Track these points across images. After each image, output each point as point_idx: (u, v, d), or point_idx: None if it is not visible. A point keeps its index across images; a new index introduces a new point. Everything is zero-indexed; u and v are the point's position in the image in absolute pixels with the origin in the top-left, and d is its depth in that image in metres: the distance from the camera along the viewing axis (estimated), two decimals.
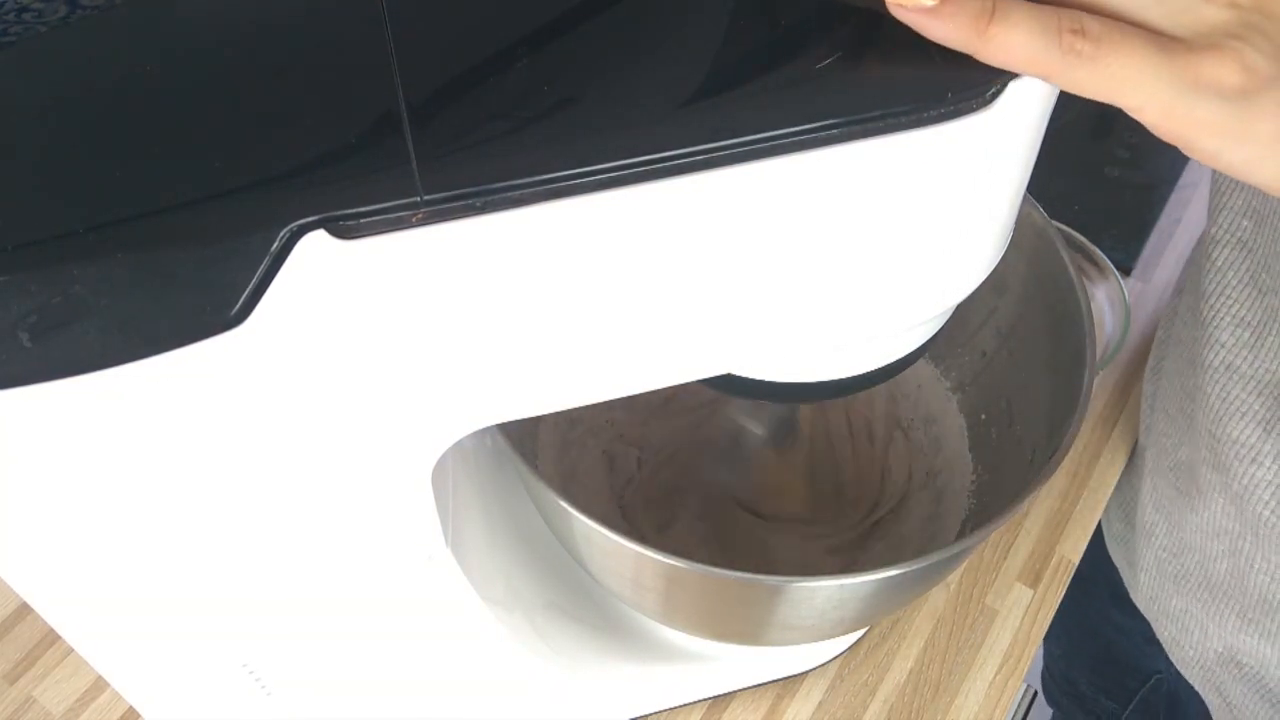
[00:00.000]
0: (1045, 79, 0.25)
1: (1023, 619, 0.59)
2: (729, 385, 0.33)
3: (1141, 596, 0.65)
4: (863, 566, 0.55)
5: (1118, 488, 0.65)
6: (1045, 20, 0.24)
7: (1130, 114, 0.25)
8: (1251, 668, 0.57)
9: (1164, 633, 0.64)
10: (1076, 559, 0.62)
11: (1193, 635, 0.60)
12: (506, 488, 0.48)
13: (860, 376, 0.34)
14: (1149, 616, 0.65)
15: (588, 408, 0.31)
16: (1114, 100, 0.24)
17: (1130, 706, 0.75)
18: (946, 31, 0.24)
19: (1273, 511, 0.49)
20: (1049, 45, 0.23)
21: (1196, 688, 0.63)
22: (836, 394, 0.34)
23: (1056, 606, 0.60)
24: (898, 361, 0.34)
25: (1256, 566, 0.52)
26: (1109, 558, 0.69)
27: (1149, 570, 0.62)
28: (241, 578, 0.33)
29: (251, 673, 0.39)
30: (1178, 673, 0.65)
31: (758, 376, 0.33)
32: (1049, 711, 1.11)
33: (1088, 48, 0.23)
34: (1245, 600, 0.54)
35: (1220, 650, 0.58)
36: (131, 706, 0.56)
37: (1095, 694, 0.85)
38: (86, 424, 0.26)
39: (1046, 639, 0.89)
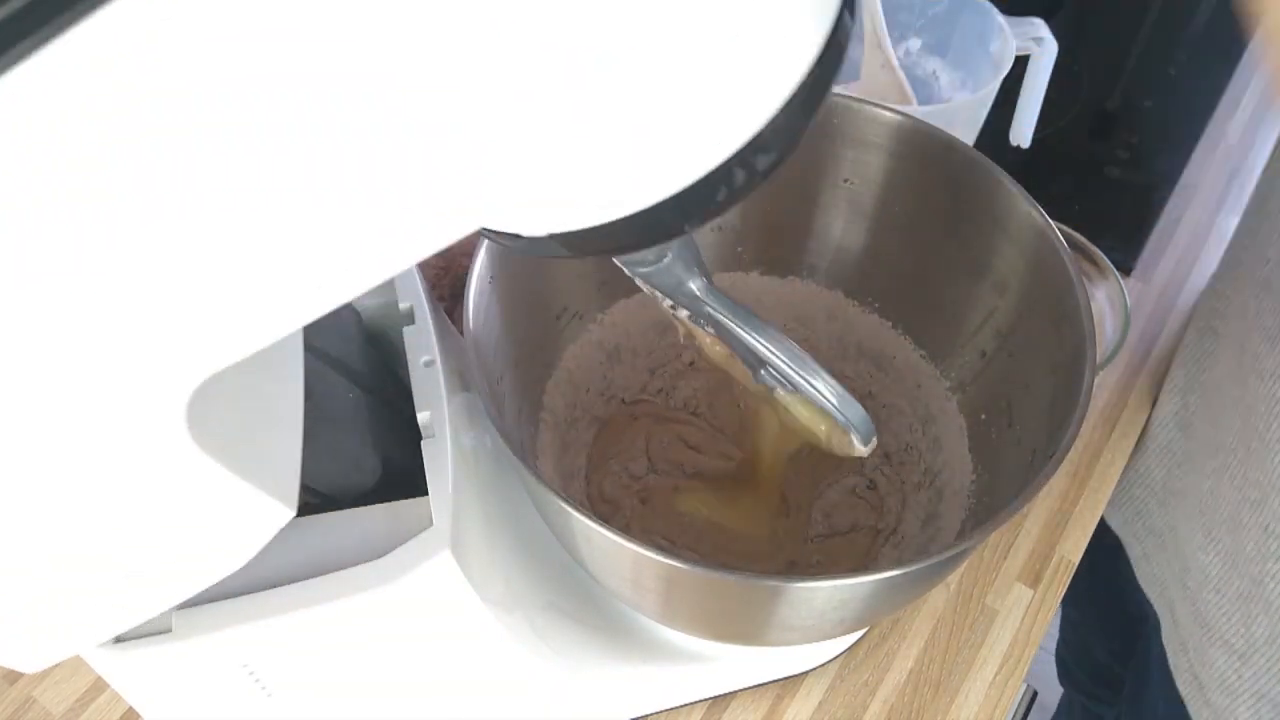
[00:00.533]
0: None
1: (1023, 619, 0.59)
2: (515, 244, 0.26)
3: (1125, 511, 0.67)
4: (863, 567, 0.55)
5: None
6: None
7: None
8: (1192, 588, 0.59)
9: (1136, 550, 0.67)
10: (1076, 559, 0.62)
11: (1166, 551, 0.63)
12: (506, 488, 0.48)
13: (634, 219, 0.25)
14: (1125, 535, 0.67)
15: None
16: None
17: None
18: None
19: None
20: None
21: (1153, 603, 0.66)
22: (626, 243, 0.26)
23: (1057, 607, 0.60)
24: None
25: (1238, 481, 0.54)
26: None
27: (1149, 484, 0.64)
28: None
29: (252, 673, 0.39)
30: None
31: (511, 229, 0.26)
32: (1049, 711, 1.12)
33: None
34: (1214, 517, 0.56)
35: (1178, 568, 0.61)
36: (131, 707, 0.56)
37: (1110, 661, 0.86)
38: None
39: (1064, 607, 0.92)
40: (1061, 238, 0.48)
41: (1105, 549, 0.64)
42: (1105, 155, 0.83)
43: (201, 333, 0.24)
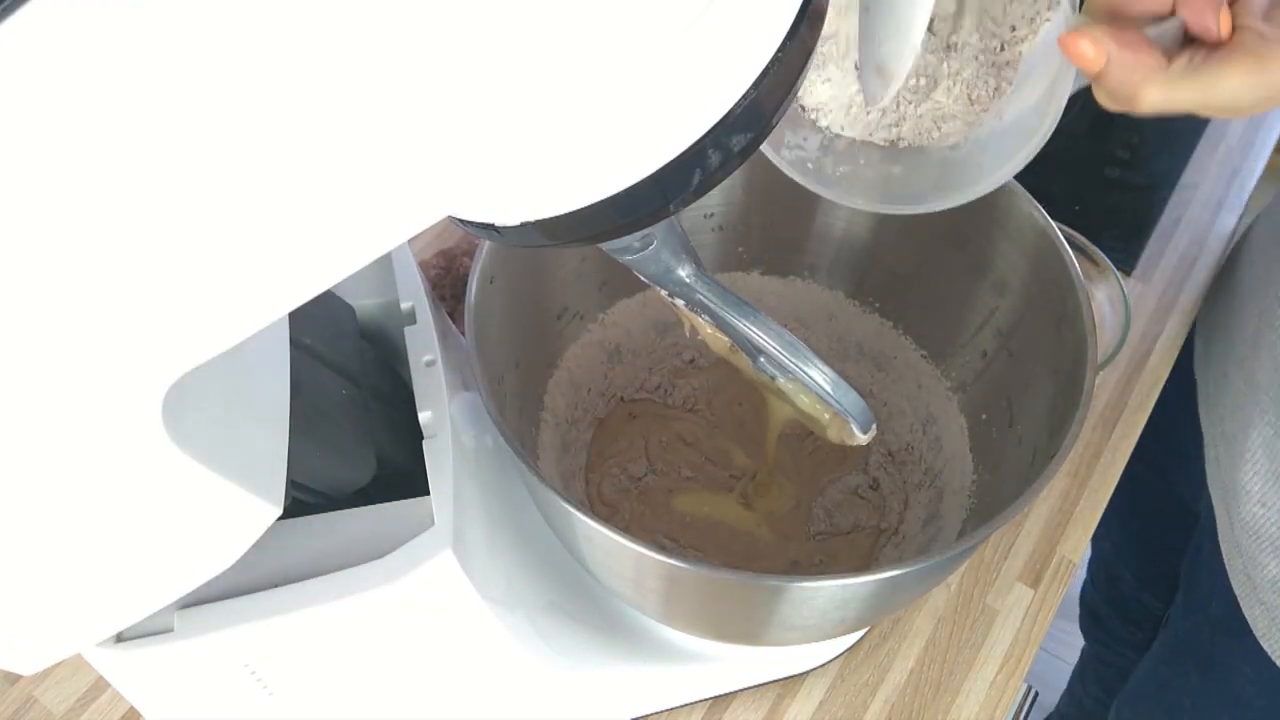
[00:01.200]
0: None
1: (1023, 619, 0.60)
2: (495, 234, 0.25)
3: (1210, 411, 0.69)
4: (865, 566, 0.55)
5: (1214, 328, 0.69)
6: None
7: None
8: (1241, 499, 0.61)
9: (1210, 452, 0.68)
10: (1077, 559, 0.62)
11: (1234, 450, 0.64)
12: (507, 488, 0.48)
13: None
14: (1208, 439, 0.69)
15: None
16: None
17: (1173, 602, 0.78)
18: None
19: None
20: None
21: (1215, 503, 0.67)
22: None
23: (1057, 607, 0.60)
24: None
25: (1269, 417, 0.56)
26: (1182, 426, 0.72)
27: (1221, 383, 0.66)
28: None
29: (253, 673, 0.39)
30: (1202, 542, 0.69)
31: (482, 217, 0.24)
32: (1049, 711, 1.11)
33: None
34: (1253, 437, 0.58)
35: (1233, 478, 0.63)
36: (132, 706, 0.56)
37: (1138, 592, 0.88)
38: None
39: (1094, 544, 0.92)
40: (1062, 238, 0.48)
41: (1151, 464, 0.64)
42: (1105, 155, 0.83)
43: (171, 328, 0.23)
